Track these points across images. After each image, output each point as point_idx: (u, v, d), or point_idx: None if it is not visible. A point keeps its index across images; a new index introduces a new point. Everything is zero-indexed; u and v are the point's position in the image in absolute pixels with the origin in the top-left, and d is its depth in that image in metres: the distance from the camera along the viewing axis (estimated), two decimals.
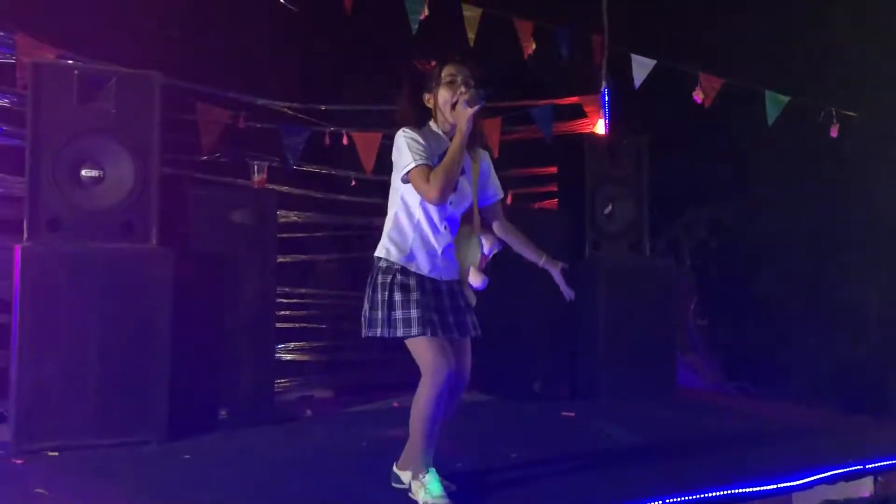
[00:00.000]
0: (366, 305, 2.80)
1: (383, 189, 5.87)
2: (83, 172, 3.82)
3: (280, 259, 4.83)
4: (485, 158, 2.95)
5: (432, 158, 2.73)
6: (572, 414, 4.70)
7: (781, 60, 7.09)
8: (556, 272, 2.96)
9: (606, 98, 6.02)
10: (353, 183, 5.47)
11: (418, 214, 2.80)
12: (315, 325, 5.78)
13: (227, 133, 4.76)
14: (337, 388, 5.48)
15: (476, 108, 2.70)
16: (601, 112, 6.03)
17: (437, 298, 2.80)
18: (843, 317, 8.98)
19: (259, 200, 4.46)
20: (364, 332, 2.80)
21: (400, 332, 2.71)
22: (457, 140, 2.72)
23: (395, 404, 4.90)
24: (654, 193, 5.57)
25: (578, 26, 5.79)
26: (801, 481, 3.24)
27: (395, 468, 3.13)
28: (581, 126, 6.09)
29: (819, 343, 8.69)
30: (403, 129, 2.78)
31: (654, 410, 4.88)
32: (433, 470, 2.78)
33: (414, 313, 2.70)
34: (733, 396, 6.58)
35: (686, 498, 2.97)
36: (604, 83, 6.02)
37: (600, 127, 6.02)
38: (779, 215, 9.06)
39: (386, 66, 5.51)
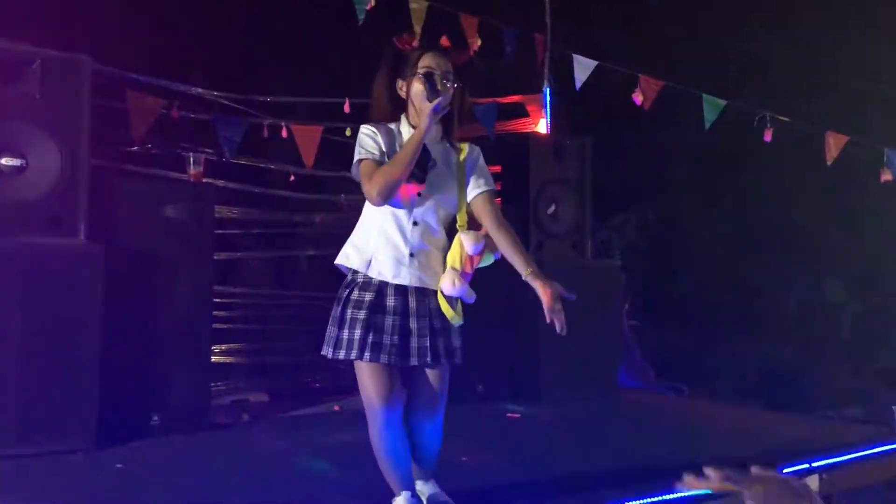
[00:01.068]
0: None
1: (324, 184, 5.76)
2: (3, 161, 3.55)
3: (215, 256, 4.61)
4: (472, 152, 2.64)
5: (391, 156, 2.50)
6: (518, 415, 4.64)
7: (715, 65, 7.24)
8: (543, 290, 2.44)
9: (548, 98, 5.99)
10: (292, 178, 5.29)
11: (382, 213, 2.52)
12: (249, 326, 5.58)
13: (160, 123, 4.52)
14: (272, 391, 5.29)
15: (436, 102, 2.41)
16: (543, 112, 6.00)
17: (399, 318, 2.48)
18: (767, 317, 9.26)
19: (195, 195, 4.24)
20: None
21: (342, 354, 2.44)
22: (412, 137, 2.46)
23: (336, 408, 4.75)
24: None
25: (521, 25, 5.75)
26: None
27: None
28: (523, 125, 6.04)
29: (746, 343, 8.93)
30: (364, 125, 2.57)
31: (599, 411, 4.87)
32: (406, 494, 2.54)
33: (357, 334, 2.42)
34: (669, 397, 6.66)
35: (645, 500, 2.93)
36: (546, 83, 5.99)
37: (542, 126, 5.99)
38: (707, 218, 9.29)
39: (329, 56, 5.38)
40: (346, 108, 4.87)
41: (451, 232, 2.64)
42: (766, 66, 7.29)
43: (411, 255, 2.52)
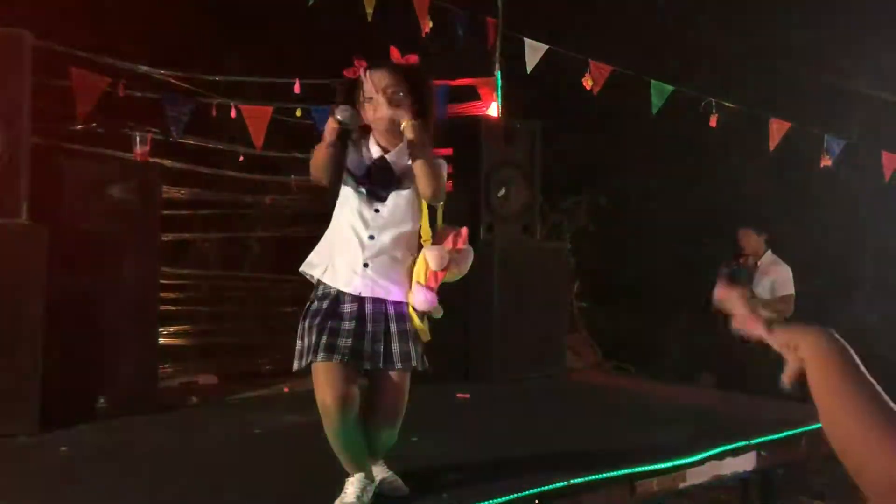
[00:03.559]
0: None
1: (274, 165, 5.71)
2: None
3: (162, 238, 4.55)
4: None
5: (360, 169, 2.54)
6: (467, 395, 4.69)
7: (662, 52, 7.34)
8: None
9: (500, 81, 6.02)
10: (241, 158, 5.23)
11: (342, 219, 2.55)
12: (197, 308, 5.53)
13: (104, 101, 4.43)
14: (221, 373, 5.26)
15: (340, 120, 2.37)
16: (494, 95, 6.02)
17: (355, 322, 2.47)
18: (713, 300, 9.44)
19: (142, 175, 4.18)
20: None
21: (302, 362, 2.44)
22: (322, 143, 2.44)
23: (286, 389, 4.74)
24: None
25: (473, 8, 5.75)
26: (694, 458, 3.34)
27: None
28: (474, 108, 6.06)
29: (691, 324, 9.13)
30: None
31: (547, 391, 4.94)
32: (360, 475, 2.56)
33: (313, 339, 2.42)
34: (615, 377, 6.79)
35: (590, 478, 3.00)
36: (497, 66, 6.01)
37: (493, 110, 6.01)
38: (655, 202, 9.44)
39: (279, 36, 5.31)
40: (297, 89, 4.83)
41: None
42: (713, 53, 7.41)
43: (365, 265, 2.52)
